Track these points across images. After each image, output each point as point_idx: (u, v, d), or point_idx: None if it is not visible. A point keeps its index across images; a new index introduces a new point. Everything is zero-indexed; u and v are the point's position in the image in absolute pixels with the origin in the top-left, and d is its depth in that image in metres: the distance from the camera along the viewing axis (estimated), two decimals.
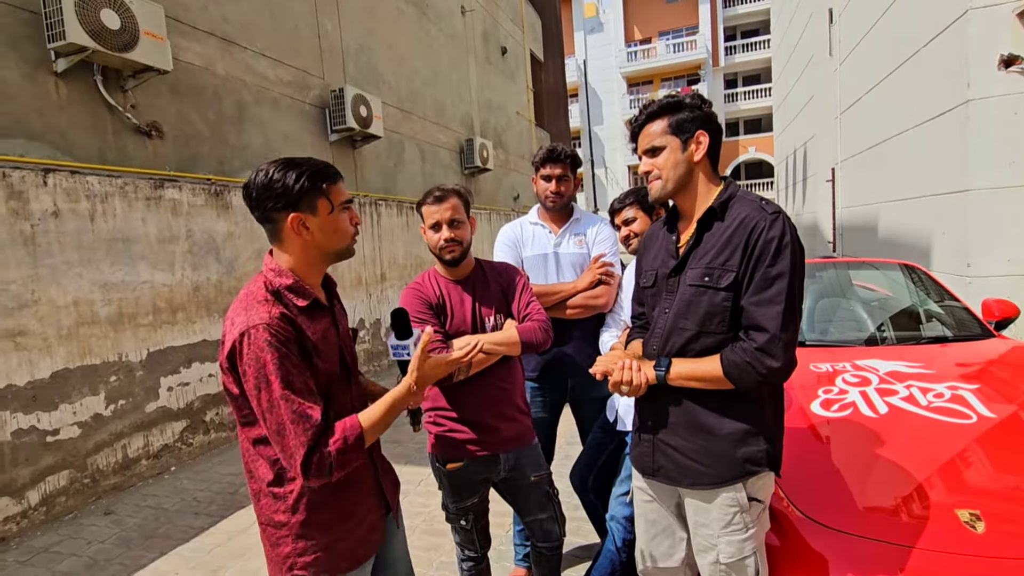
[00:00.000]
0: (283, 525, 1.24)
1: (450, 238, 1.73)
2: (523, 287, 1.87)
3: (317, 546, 1.24)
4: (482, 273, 1.86)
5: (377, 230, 6.67)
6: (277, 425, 1.12)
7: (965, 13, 4.29)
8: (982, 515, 1.52)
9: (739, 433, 1.37)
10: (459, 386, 1.74)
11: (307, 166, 1.20)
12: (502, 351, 1.74)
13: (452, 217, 1.73)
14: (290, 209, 1.19)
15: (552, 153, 2.23)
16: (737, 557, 1.39)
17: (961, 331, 2.79)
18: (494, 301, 1.82)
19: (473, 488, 1.85)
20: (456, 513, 1.88)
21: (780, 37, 16.07)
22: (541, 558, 2.02)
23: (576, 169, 2.31)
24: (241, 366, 1.13)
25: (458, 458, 1.80)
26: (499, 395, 1.79)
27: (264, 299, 1.18)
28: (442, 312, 1.77)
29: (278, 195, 1.18)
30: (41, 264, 3.28)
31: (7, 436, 3.10)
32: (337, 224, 1.24)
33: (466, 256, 1.80)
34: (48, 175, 3.34)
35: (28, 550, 2.98)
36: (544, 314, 1.84)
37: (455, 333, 1.76)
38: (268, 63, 5.12)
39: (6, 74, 3.20)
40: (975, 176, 4.33)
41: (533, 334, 1.76)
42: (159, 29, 3.73)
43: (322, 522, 1.25)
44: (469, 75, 9.44)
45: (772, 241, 1.30)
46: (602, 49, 28.68)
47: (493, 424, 1.78)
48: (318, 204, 1.21)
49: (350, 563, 1.28)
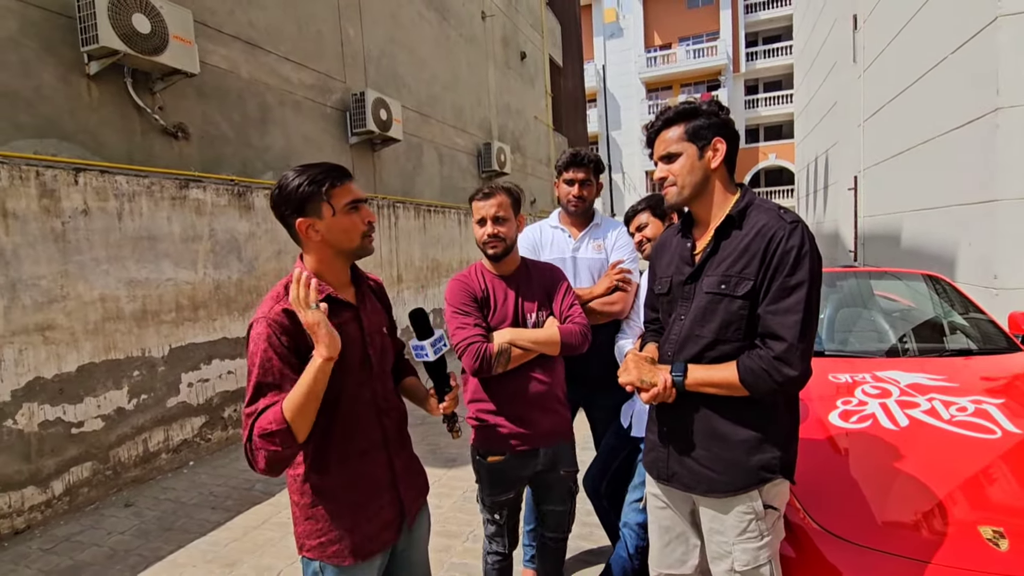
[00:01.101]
0: (296, 505, 1.31)
1: (493, 233, 1.79)
2: (566, 289, 1.92)
3: (322, 532, 1.29)
4: (527, 271, 1.92)
5: (395, 232, 6.73)
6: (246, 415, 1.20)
7: (995, 20, 4.20)
8: (1006, 532, 1.49)
9: (753, 441, 1.36)
10: (499, 379, 1.79)
11: (313, 171, 1.25)
12: (541, 349, 1.79)
13: (496, 214, 1.78)
14: (298, 214, 1.25)
15: (576, 157, 2.24)
16: (752, 565, 1.38)
17: (986, 344, 2.73)
18: (537, 298, 1.87)
19: (512, 483, 1.88)
20: (492, 507, 1.91)
21: (803, 43, 15.88)
22: (546, 549, 2.07)
23: (599, 174, 2.32)
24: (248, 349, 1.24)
25: (499, 451, 1.83)
26: (540, 388, 1.83)
27: (277, 296, 1.25)
28: (486, 305, 1.83)
29: (288, 201, 1.25)
30: (70, 260, 3.38)
31: (34, 427, 3.19)
32: (343, 225, 1.28)
33: (509, 252, 1.84)
34: (79, 174, 3.44)
35: (51, 539, 3.06)
36: (585, 318, 1.88)
37: (497, 326, 1.81)
38: (291, 67, 5.21)
39: (43, 77, 3.31)
40: (1003, 186, 4.23)
41: (573, 336, 1.80)
42: (187, 33, 3.82)
43: (328, 510, 1.29)
44: (488, 79, 9.50)
45: (791, 251, 1.29)
46: (622, 54, 28.62)
47: (533, 417, 1.82)
48: (321, 208, 1.25)
49: (356, 556, 1.30)
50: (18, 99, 3.20)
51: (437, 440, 4.27)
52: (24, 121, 3.23)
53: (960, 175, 4.97)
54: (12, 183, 3.12)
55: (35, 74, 3.28)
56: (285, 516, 3.19)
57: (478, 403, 1.86)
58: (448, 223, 8.07)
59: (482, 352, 1.71)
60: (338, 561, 1.29)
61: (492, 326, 1.81)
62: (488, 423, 1.83)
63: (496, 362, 1.73)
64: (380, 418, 1.37)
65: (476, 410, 1.87)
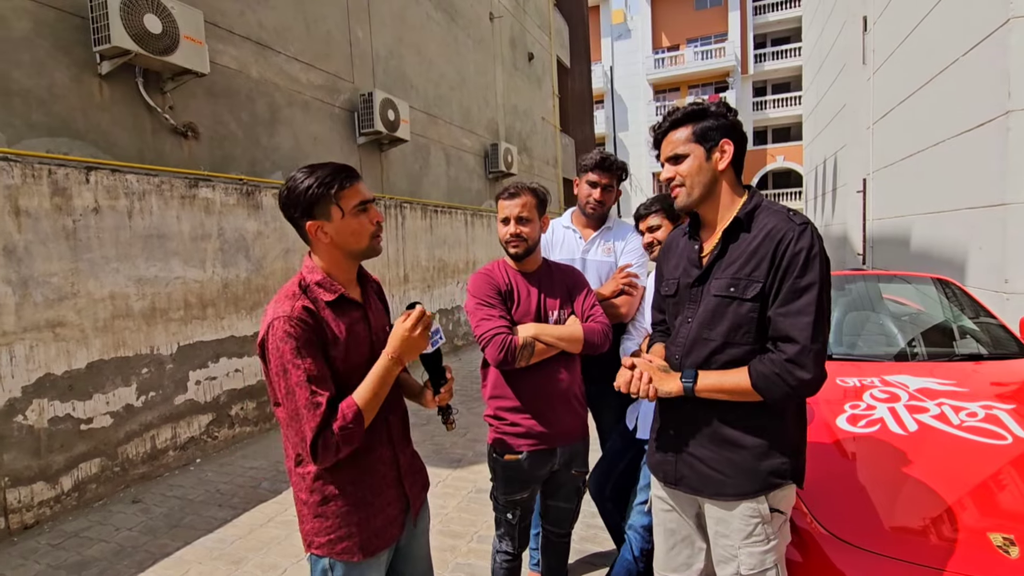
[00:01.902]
0: (304, 503, 1.31)
1: (516, 233, 1.82)
2: (588, 290, 1.95)
3: (331, 529, 1.29)
4: (548, 270, 1.94)
5: (401, 232, 6.75)
6: (293, 411, 1.21)
7: (1007, 22, 4.16)
8: (1016, 540, 1.47)
9: (763, 446, 1.36)
10: (521, 374, 1.80)
11: (321, 173, 1.26)
12: (564, 346, 1.81)
13: (521, 214, 1.81)
14: (307, 217, 1.27)
15: (604, 161, 2.22)
16: (758, 569, 1.37)
17: (997, 349, 2.70)
18: (559, 296, 1.89)
19: (527, 482, 1.89)
20: (505, 505, 1.92)
21: (812, 45, 15.80)
22: (549, 544, 2.08)
23: (622, 182, 2.32)
24: (267, 354, 1.23)
25: (516, 450, 1.84)
26: (561, 385, 1.85)
27: (292, 294, 1.26)
28: (509, 299, 1.85)
29: (296, 204, 1.26)
30: (81, 258, 3.41)
31: (44, 423, 3.22)
32: (352, 227, 1.29)
33: (530, 253, 1.86)
34: (90, 173, 3.47)
35: (60, 534, 3.08)
36: (607, 319, 1.90)
37: (519, 321, 1.83)
38: (300, 67, 5.24)
39: (56, 76, 3.35)
40: (1015, 189, 4.19)
41: (596, 335, 1.82)
42: (198, 33, 3.85)
43: (338, 508, 1.29)
44: (495, 80, 9.51)
45: (800, 253, 1.29)
46: (629, 56, 28.58)
47: (554, 414, 1.84)
48: (331, 211, 1.26)
49: (364, 552, 1.31)
50: (31, 98, 3.24)
51: (442, 440, 4.28)
52: (37, 120, 3.26)
53: (971, 178, 4.93)
54: (25, 181, 3.15)
55: (48, 73, 3.32)
56: (291, 514, 3.20)
57: (498, 399, 1.87)
58: (455, 224, 8.09)
59: (507, 344, 1.72)
60: (347, 557, 1.30)
61: (515, 320, 1.83)
62: (507, 420, 1.84)
63: (520, 355, 1.74)
64: (386, 415, 1.38)
65: (496, 407, 1.87)
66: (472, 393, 5.44)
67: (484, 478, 3.59)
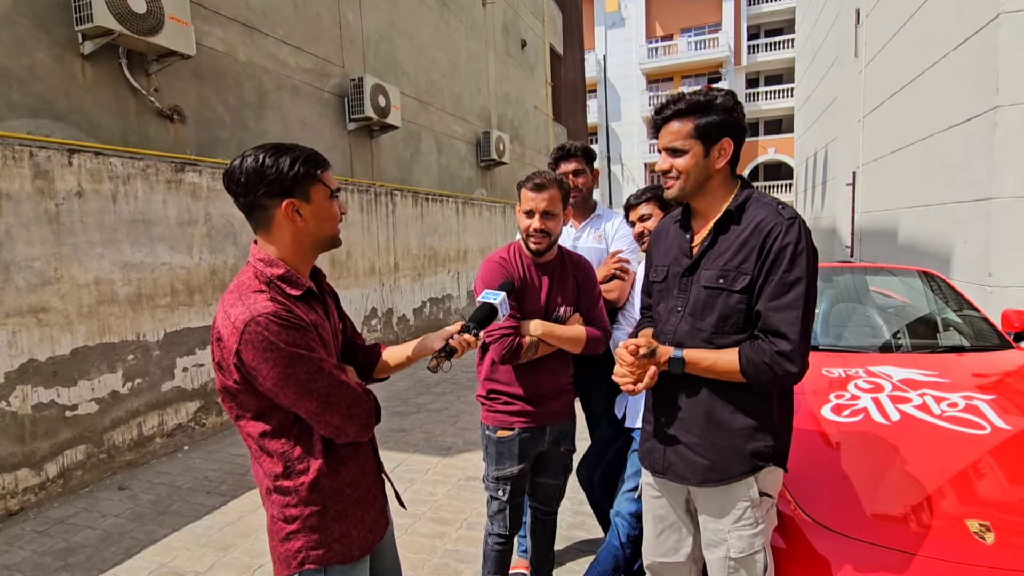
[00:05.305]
0: (294, 519, 1.20)
1: (540, 229, 1.79)
2: (596, 289, 1.97)
3: (331, 536, 1.23)
4: (562, 262, 1.94)
5: (392, 220, 6.70)
6: (322, 402, 1.13)
7: (997, 17, 4.19)
8: (992, 526, 1.51)
9: (749, 427, 1.38)
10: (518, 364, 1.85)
11: (299, 151, 1.18)
12: (566, 346, 1.86)
13: (547, 209, 1.78)
14: (284, 196, 1.16)
15: (563, 150, 2.28)
16: (747, 552, 1.40)
17: (979, 341, 2.75)
18: (567, 291, 1.91)
19: (517, 458, 1.92)
20: (495, 481, 1.94)
21: (805, 37, 15.80)
22: (537, 524, 2.12)
23: (591, 161, 2.34)
24: (250, 359, 1.08)
25: (508, 427, 1.89)
26: (554, 375, 1.91)
27: (259, 289, 1.15)
28: (522, 292, 1.86)
29: (271, 181, 1.14)
30: (64, 243, 3.35)
31: (28, 410, 3.18)
32: (329, 212, 1.23)
33: (551, 249, 1.86)
34: (73, 155, 3.40)
35: (45, 521, 3.06)
36: (607, 321, 1.96)
37: (526, 315, 1.85)
38: (289, 50, 5.15)
39: (37, 56, 3.26)
40: (1000, 184, 4.24)
41: (597, 340, 1.88)
42: (184, 14, 3.77)
43: (338, 511, 1.24)
44: (488, 67, 9.42)
45: (788, 247, 1.30)
46: (622, 44, 28.42)
47: (545, 399, 1.90)
48: (312, 191, 1.18)
49: (362, 550, 1.29)
50: (11, 78, 3.15)
51: (432, 428, 4.29)
52: (17, 100, 3.18)
53: (958, 173, 4.98)
54: (5, 164, 3.08)
55: (28, 52, 3.23)
56: None
57: (492, 381, 1.91)
58: (446, 212, 8.04)
59: (513, 345, 1.76)
60: (343, 560, 1.25)
61: (523, 315, 1.84)
62: (500, 400, 1.89)
63: (524, 355, 1.79)
64: None
65: (489, 388, 1.92)
66: (463, 382, 5.45)
67: (474, 466, 3.61)
